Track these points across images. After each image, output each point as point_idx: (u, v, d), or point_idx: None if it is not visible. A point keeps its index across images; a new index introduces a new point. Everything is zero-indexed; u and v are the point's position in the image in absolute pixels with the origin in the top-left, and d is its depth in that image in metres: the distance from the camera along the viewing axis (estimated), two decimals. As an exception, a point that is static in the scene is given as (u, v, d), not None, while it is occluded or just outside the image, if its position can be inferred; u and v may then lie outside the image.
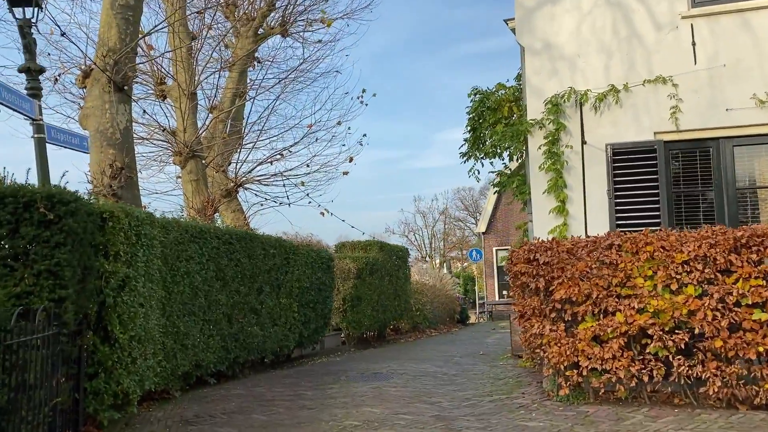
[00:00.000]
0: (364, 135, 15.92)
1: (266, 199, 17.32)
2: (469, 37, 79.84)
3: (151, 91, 15.87)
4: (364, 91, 17.39)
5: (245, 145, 17.40)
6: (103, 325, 6.01)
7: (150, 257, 6.97)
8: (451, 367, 10.71)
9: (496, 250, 30.45)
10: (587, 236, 8.14)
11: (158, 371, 7.31)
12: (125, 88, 9.69)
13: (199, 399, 8.08)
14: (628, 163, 8.67)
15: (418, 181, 78.76)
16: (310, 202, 17.15)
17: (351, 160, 17.41)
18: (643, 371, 6.70)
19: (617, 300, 6.95)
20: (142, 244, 6.72)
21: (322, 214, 16.59)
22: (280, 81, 16.97)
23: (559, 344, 7.12)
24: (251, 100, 17.31)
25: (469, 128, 10.72)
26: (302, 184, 17.21)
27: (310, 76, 17.59)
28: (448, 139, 78.52)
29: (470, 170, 10.67)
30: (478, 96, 10.88)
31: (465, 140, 10.79)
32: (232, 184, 16.73)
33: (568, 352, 7.01)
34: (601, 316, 7.02)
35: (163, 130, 15.73)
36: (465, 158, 10.72)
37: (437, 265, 43.48)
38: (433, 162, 78.48)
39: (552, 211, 9.00)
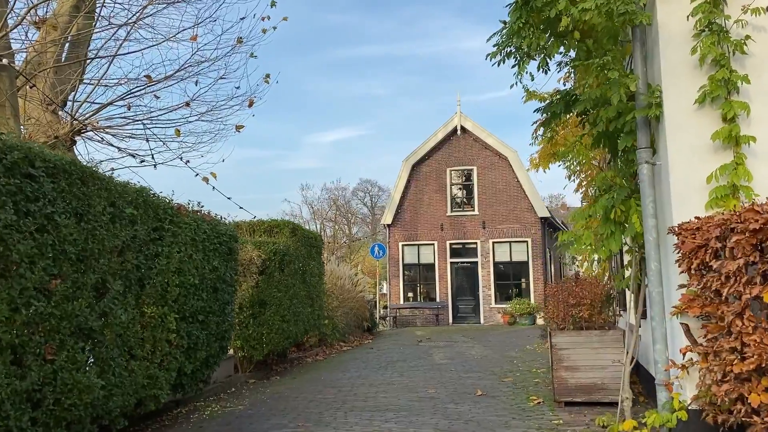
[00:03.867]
0: (267, 75, 10.40)
1: (120, 154, 11.40)
2: (342, 43, 78.14)
3: None
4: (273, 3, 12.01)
5: (90, 79, 11.45)
6: None
7: None
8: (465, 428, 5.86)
9: (403, 246, 26.09)
10: None
11: None
12: None
13: None
14: None
15: (287, 182, 73.98)
16: (188, 162, 11.52)
17: (251, 104, 11.86)
18: None
19: None
20: None
21: (206, 180, 10.91)
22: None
23: None
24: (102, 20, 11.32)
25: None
26: (177, 134, 11.50)
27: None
28: (318, 142, 75.50)
29: (519, 72, 5.86)
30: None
31: (503, 24, 6.05)
32: (66, 129, 10.65)
33: None
34: None
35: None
36: (499, 54, 5.92)
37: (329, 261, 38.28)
38: (302, 163, 74.75)
39: (716, 138, 4.53)
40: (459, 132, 25.51)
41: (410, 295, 26.20)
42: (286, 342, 11.39)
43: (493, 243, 25.06)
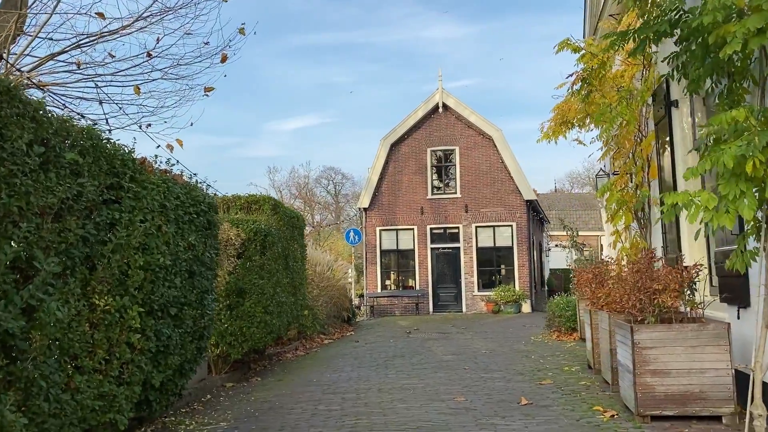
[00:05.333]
0: (243, 24, 8.60)
1: (68, 114, 9.36)
2: (303, 30, 75.92)
3: None
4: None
5: (29, 30, 9.47)
6: None
7: None
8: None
9: (380, 231, 24.45)
10: None
11: None
12: None
13: None
14: None
15: (248, 171, 71.57)
16: (149, 125, 9.65)
17: (224, 59, 10.05)
18: None
19: None
20: None
21: (170, 147, 9.00)
22: None
23: None
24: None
25: None
26: (137, 91, 9.60)
27: None
28: (278, 129, 73.38)
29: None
30: None
31: None
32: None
33: None
34: None
35: None
36: None
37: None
38: (263, 151, 72.48)
39: None
40: (441, 109, 23.96)
41: (387, 283, 24.65)
42: (268, 337, 9.67)
43: (476, 227, 23.67)
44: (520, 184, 23.22)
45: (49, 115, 3.62)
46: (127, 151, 4.57)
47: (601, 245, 44.31)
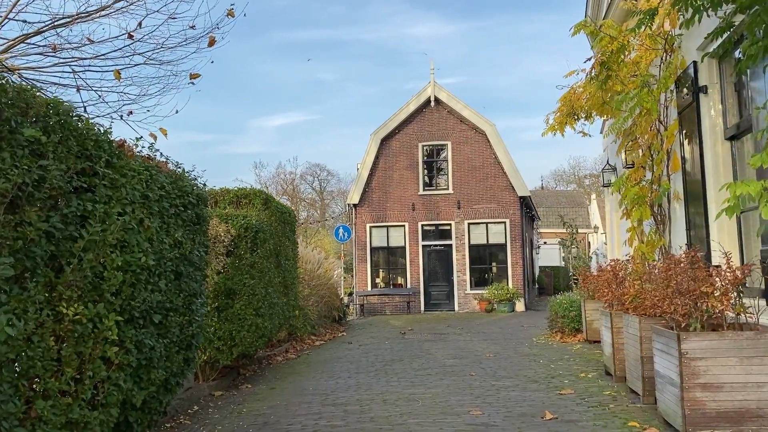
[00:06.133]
0: (232, 5, 7.91)
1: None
2: (289, 26, 74.99)
3: None
4: None
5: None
6: None
7: None
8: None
9: (371, 228, 23.77)
10: None
11: None
12: None
13: None
14: None
15: (233, 167, 70.54)
16: (131, 113, 8.93)
17: (212, 42, 9.35)
18: None
19: None
20: None
21: (154, 136, 8.25)
22: None
23: None
24: None
25: None
26: (117, 76, 8.87)
27: None
28: (263, 126, 72.43)
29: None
30: None
31: None
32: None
33: None
34: None
35: None
36: None
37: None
38: (247, 148, 71.50)
39: None
40: (433, 103, 23.33)
41: (378, 281, 24.00)
42: (259, 341, 8.97)
43: (469, 224, 23.10)
44: (514, 180, 22.69)
45: (3, 81, 2.92)
46: (102, 131, 3.86)
47: (589, 242, 44.06)
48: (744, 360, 4.55)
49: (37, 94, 3.31)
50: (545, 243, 38.53)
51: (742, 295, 5.13)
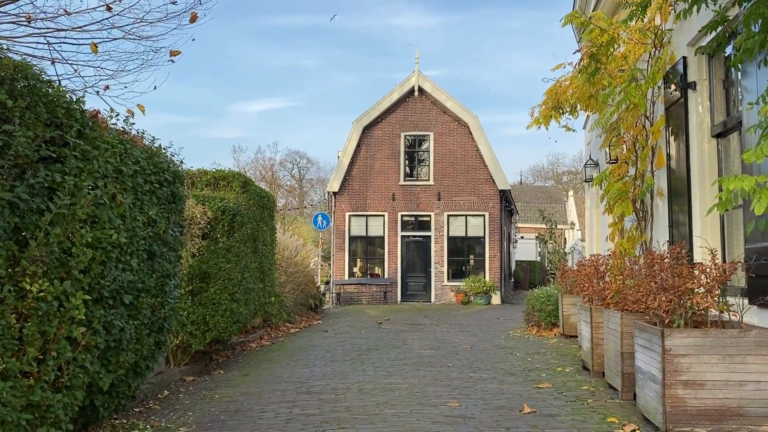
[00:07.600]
0: None
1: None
2: (272, 11, 74.00)
3: None
4: None
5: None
6: None
7: None
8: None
9: (350, 216, 23.59)
10: None
11: None
12: None
13: None
14: None
15: (212, 152, 69.63)
16: (107, 87, 8.61)
17: (194, 18, 9.05)
18: None
19: None
20: None
21: (131, 113, 7.97)
22: None
23: None
24: None
25: None
26: (94, 50, 8.54)
27: None
28: (243, 111, 71.54)
29: None
30: None
31: None
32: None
33: None
34: None
35: None
36: None
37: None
38: (227, 133, 70.61)
39: None
40: (416, 93, 23.17)
41: (355, 270, 23.85)
42: (234, 327, 8.78)
43: (448, 216, 23.05)
44: (495, 174, 22.68)
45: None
46: (74, 99, 3.64)
47: (565, 239, 44.40)
48: (727, 358, 4.51)
49: (5, 56, 3.09)
50: (522, 237, 38.73)
51: (725, 292, 5.10)
